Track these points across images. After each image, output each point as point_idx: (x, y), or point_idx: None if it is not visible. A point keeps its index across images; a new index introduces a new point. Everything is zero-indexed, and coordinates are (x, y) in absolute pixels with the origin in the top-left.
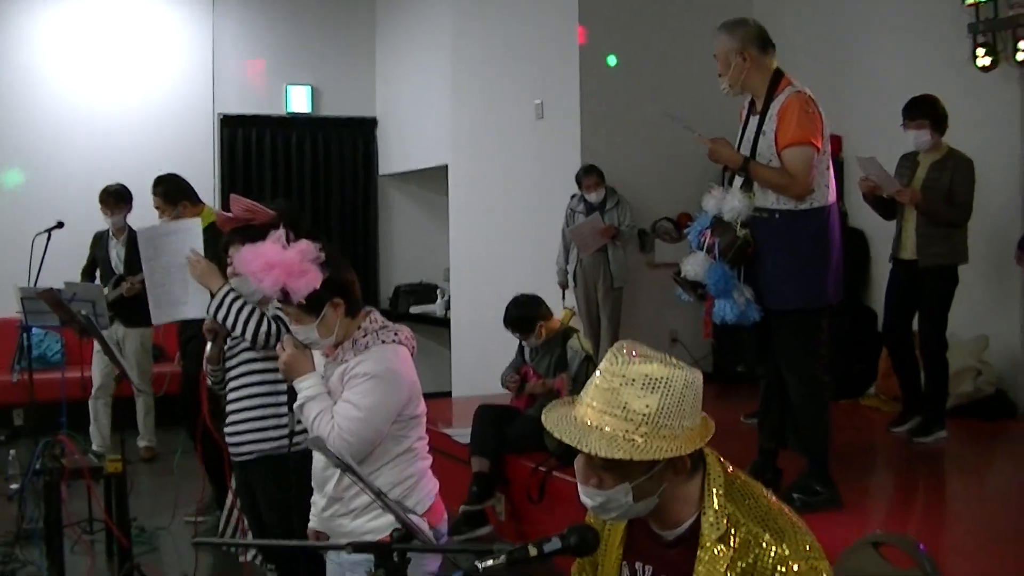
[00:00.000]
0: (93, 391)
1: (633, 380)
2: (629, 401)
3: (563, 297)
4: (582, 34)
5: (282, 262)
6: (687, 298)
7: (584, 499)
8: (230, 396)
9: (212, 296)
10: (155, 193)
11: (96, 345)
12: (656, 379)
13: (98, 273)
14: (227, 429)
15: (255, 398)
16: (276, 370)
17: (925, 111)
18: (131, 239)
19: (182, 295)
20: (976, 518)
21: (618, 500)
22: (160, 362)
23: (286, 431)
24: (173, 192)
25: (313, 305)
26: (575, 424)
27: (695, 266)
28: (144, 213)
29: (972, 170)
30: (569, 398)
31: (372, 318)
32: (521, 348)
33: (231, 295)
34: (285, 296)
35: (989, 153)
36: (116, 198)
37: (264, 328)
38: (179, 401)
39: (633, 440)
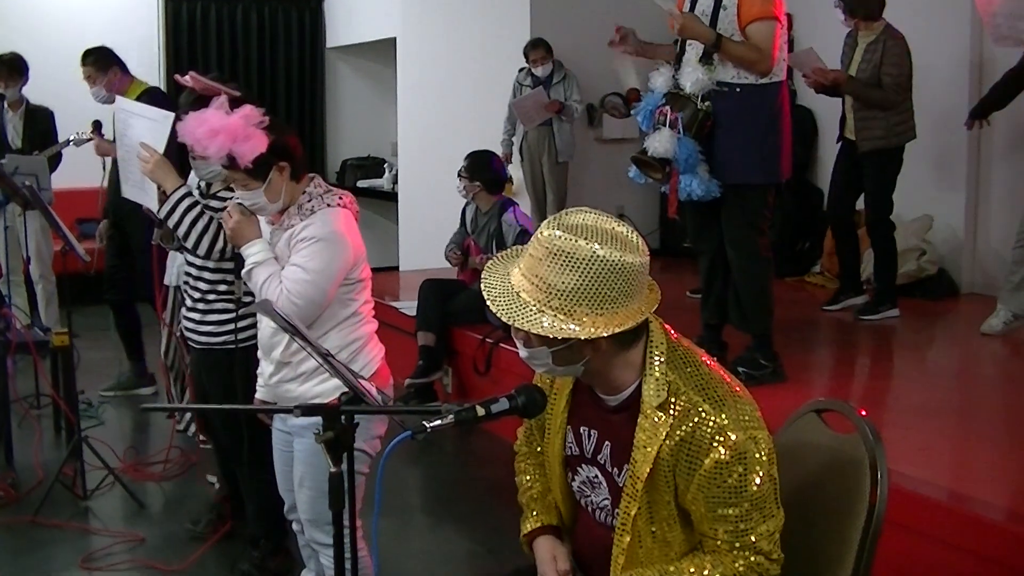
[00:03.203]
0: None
1: (555, 254)
2: (548, 273)
3: (506, 166)
4: None
5: (226, 127)
6: (643, 180)
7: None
8: (187, 279)
9: (166, 196)
10: (85, 64)
11: None
12: (578, 259)
13: None
14: (185, 314)
15: (212, 293)
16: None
17: None
18: (29, 113)
19: (141, 182)
20: (916, 392)
21: (541, 359)
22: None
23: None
24: (102, 59)
25: (259, 169)
26: (502, 282)
27: (663, 143)
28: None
29: (903, 49)
30: (517, 249)
31: (316, 183)
32: (463, 218)
33: (186, 201)
34: (231, 162)
35: (939, 37)
36: (10, 68)
37: (219, 245)
38: (103, 279)
39: (543, 311)
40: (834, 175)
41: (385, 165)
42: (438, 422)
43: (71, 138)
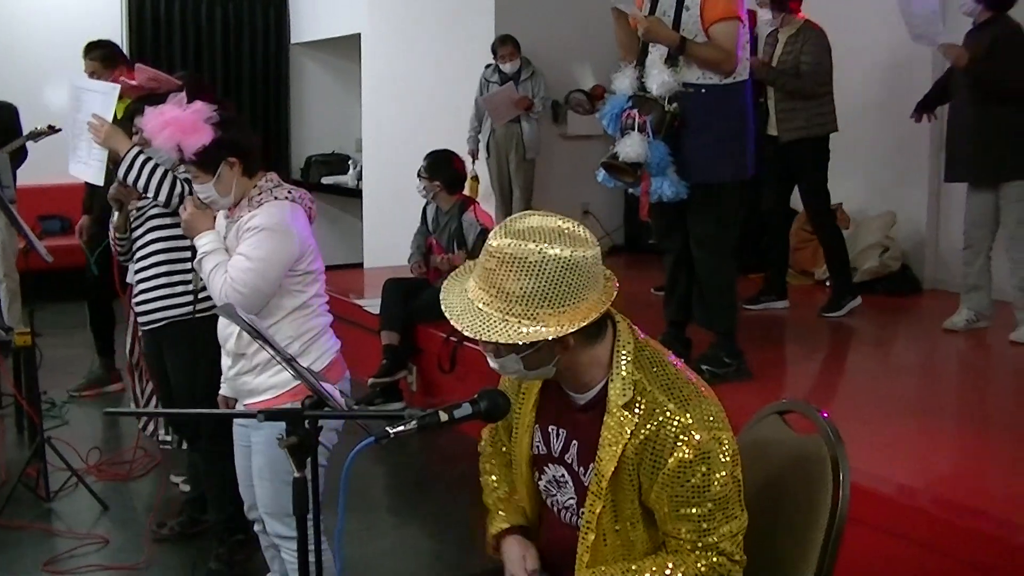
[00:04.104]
0: None
1: (508, 262)
2: (504, 282)
3: (472, 165)
4: None
5: (176, 120)
6: (613, 184)
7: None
8: (137, 265)
9: (121, 159)
10: (90, 58)
11: None
12: (531, 263)
13: None
14: (135, 298)
15: (162, 265)
16: (182, 237)
17: None
18: None
19: (85, 156)
20: (880, 389)
21: (512, 367)
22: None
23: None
24: (111, 56)
25: (208, 162)
26: (460, 297)
27: (634, 147)
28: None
29: (822, 41)
30: (471, 264)
31: (268, 177)
32: (424, 217)
33: (141, 157)
34: (181, 153)
35: (902, 33)
36: None
37: (178, 189)
38: (85, 275)
39: (507, 320)
40: (766, 175)
41: (350, 162)
42: (401, 428)
43: (28, 132)
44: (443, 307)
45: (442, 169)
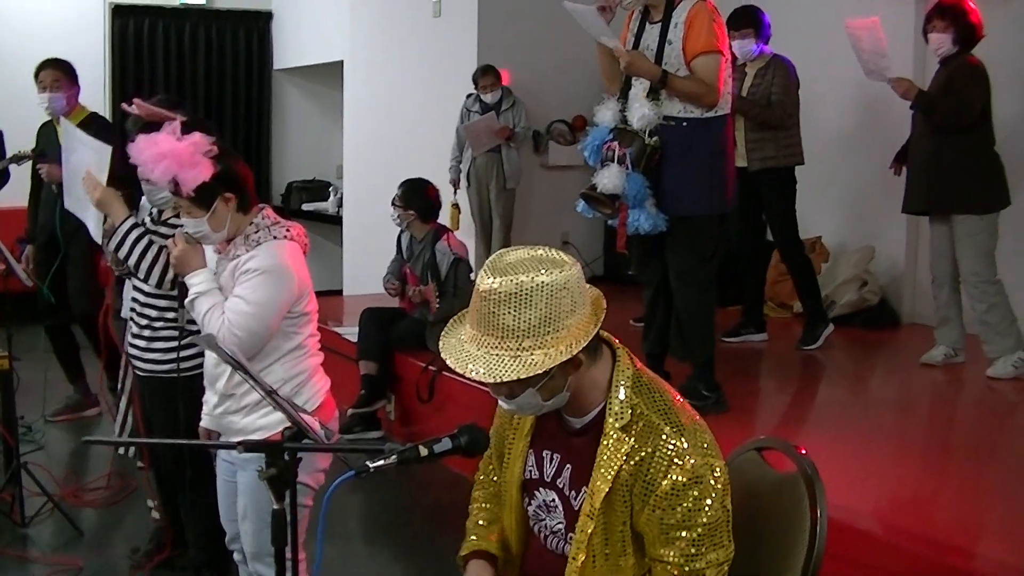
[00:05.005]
0: None
1: (505, 301)
2: (506, 320)
3: (454, 194)
4: None
5: (173, 152)
6: (592, 215)
7: (501, 405)
8: (134, 306)
9: (115, 228)
10: (58, 68)
11: None
12: (527, 293)
13: None
14: (131, 340)
15: (157, 320)
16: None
17: (749, 21)
18: None
19: (86, 200)
20: (857, 422)
21: (530, 402)
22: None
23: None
24: (74, 73)
25: (204, 198)
26: (463, 347)
27: (612, 179)
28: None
29: (790, 73)
30: (462, 314)
31: (264, 214)
32: (399, 245)
33: (135, 232)
34: (176, 187)
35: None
36: None
37: (171, 275)
38: (39, 304)
39: (518, 356)
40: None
41: (330, 188)
42: (381, 462)
43: (11, 156)
44: (450, 362)
45: (416, 198)
